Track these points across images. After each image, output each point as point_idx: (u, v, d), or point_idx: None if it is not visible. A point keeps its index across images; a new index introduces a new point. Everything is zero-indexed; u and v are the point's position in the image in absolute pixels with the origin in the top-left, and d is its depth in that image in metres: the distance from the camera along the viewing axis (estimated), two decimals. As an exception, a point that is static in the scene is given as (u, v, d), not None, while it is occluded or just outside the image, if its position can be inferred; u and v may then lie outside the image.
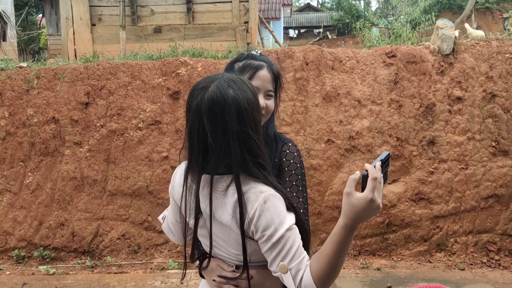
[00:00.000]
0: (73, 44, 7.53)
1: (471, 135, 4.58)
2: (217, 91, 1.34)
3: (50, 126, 4.72)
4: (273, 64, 1.79)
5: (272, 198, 1.34)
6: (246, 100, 1.35)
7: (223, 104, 1.32)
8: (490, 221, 4.58)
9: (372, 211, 1.27)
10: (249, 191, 1.35)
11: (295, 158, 1.75)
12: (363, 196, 1.25)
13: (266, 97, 1.72)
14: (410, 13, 13.23)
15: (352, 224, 1.27)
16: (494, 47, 4.69)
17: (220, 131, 1.32)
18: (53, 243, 4.64)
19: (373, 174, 1.26)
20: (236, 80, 1.39)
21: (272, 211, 1.32)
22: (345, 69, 4.77)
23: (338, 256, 1.28)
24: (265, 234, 1.32)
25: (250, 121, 1.35)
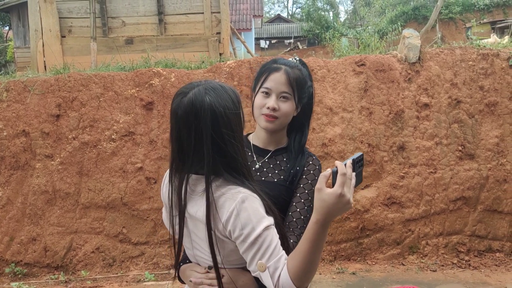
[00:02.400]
0: (42, 56, 7.41)
1: (439, 140, 4.74)
2: (193, 98, 1.39)
3: (20, 139, 4.63)
4: (295, 69, 1.79)
5: (250, 198, 1.37)
6: (222, 107, 1.40)
7: (198, 110, 1.37)
8: (459, 223, 4.73)
9: (342, 206, 1.29)
10: (227, 192, 1.39)
11: (315, 171, 1.81)
12: (332, 191, 1.27)
13: (281, 99, 1.75)
14: (378, 24, 13.60)
15: (324, 220, 1.29)
16: (458, 55, 4.89)
17: (194, 135, 1.39)
18: (25, 258, 4.52)
19: (342, 170, 1.29)
20: (216, 88, 1.43)
21: (250, 210, 1.35)
22: (316, 78, 4.87)
23: (313, 252, 1.30)
24: (243, 233, 1.34)
25: (227, 127, 1.40)
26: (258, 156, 1.86)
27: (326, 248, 4.66)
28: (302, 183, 1.77)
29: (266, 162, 1.84)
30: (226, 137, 1.40)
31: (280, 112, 1.74)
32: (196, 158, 1.41)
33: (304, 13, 30.62)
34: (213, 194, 1.39)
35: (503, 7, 24.00)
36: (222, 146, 1.40)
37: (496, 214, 4.74)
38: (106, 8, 7.64)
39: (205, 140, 1.38)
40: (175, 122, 1.43)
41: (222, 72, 4.84)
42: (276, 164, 1.83)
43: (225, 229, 1.38)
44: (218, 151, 1.40)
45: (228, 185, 1.41)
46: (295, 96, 1.77)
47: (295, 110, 1.80)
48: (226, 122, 1.40)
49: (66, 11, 7.63)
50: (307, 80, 1.83)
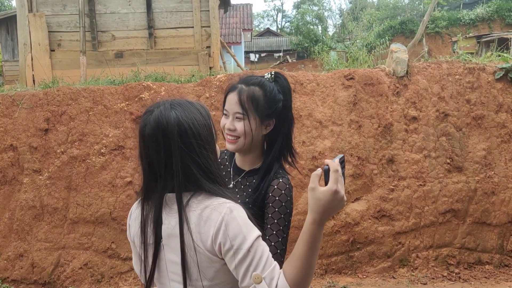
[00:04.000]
0: (31, 70, 7.37)
1: (427, 153, 4.78)
2: (159, 114, 1.37)
3: (8, 154, 4.58)
4: (252, 86, 1.74)
5: (237, 207, 1.34)
6: (190, 120, 1.38)
7: (165, 126, 1.35)
8: (448, 235, 4.75)
9: (338, 202, 1.27)
10: (211, 204, 1.34)
11: (282, 196, 1.69)
12: (327, 188, 1.26)
13: (236, 119, 1.73)
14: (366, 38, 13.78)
15: (321, 219, 1.28)
16: (445, 69, 4.96)
17: (163, 152, 1.35)
18: (11, 275, 4.44)
19: (334, 167, 1.27)
20: (182, 103, 1.42)
21: (239, 220, 1.31)
22: (306, 91, 4.90)
23: (310, 254, 1.28)
24: (234, 244, 1.29)
25: (196, 137, 1.37)
26: (235, 174, 1.86)
27: (317, 262, 4.64)
28: (270, 213, 1.68)
29: (239, 182, 1.83)
30: (197, 148, 1.37)
31: (237, 132, 1.72)
32: (169, 176, 1.36)
33: (293, 27, 30.96)
34: (185, 210, 1.34)
35: (488, 21, 24.51)
36: (195, 157, 1.36)
37: (485, 226, 4.78)
38: (96, 22, 7.65)
39: (173, 154, 1.34)
40: (143, 141, 1.39)
41: (212, 85, 4.86)
42: (246, 185, 1.80)
43: (214, 244, 1.31)
44: (191, 164, 1.36)
45: (211, 197, 1.36)
46: (249, 115, 1.71)
47: (259, 128, 1.75)
48: (195, 133, 1.37)
49: (55, 24, 7.62)
50: (275, 95, 1.75)
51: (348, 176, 4.69)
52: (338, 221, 4.64)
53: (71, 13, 7.59)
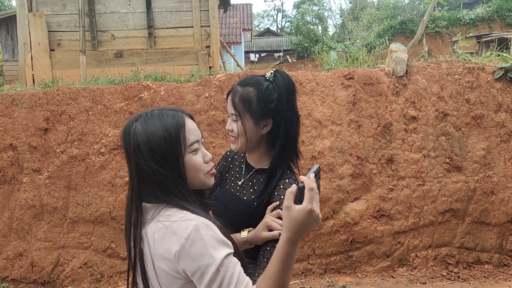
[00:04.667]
0: (31, 70, 7.37)
1: (427, 153, 4.79)
2: (126, 125, 1.39)
3: (7, 153, 4.58)
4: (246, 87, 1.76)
5: (204, 226, 1.27)
6: (144, 133, 1.34)
7: (126, 137, 1.37)
8: (447, 235, 4.76)
9: (312, 221, 1.25)
10: (176, 221, 1.28)
11: (281, 200, 1.70)
12: (302, 207, 1.23)
13: (232, 121, 1.78)
14: (365, 37, 13.79)
15: (295, 238, 1.26)
16: (444, 69, 4.96)
17: (128, 163, 1.37)
18: (11, 274, 4.44)
19: (309, 185, 1.24)
20: (150, 114, 1.40)
21: (206, 239, 1.24)
22: (305, 91, 4.90)
23: (284, 272, 1.26)
24: (201, 265, 1.23)
25: (149, 152, 1.33)
26: (246, 171, 1.89)
27: (316, 261, 4.65)
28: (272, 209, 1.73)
29: (247, 179, 1.87)
30: (153, 166, 1.32)
31: (234, 132, 1.77)
32: (139, 187, 1.37)
33: (293, 27, 30.96)
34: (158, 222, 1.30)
35: (488, 21, 24.52)
36: (150, 172, 1.33)
37: (484, 226, 4.78)
38: (96, 22, 7.65)
39: (131, 167, 1.35)
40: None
41: (211, 85, 4.86)
42: (253, 183, 1.84)
43: (177, 262, 1.25)
44: (149, 177, 1.34)
45: (180, 213, 1.31)
46: (242, 115, 1.73)
47: (255, 128, 1.75)
48: (146, 147, 1.33)
49: (55, 24, 7.63)
50: (268, 95, 1.73)
51: (347, 176, 4.69)
52: (338, 221, 4.64)
53: (71, 13, 7.60)
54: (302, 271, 4.63)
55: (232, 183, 1.92)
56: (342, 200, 4.68)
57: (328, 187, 4.66)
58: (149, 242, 1.30)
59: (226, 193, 1.90)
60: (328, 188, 4.65)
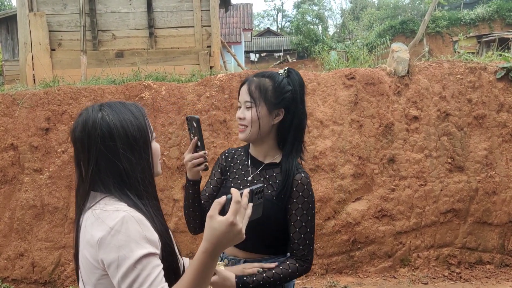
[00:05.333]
0: (31, 69, 7.36)
1: (428, 153, 4.78)
2: (86, 116, 1.34)
3: (8, 153, 4.57)
4: (262, 78, 1.84)
5: (132, 219, 1.23)
6: (117, 120, 1.33)
7: (90, 127, 1.31)
8: (449, 235, 4.75)
9: (233, 235, 1.19)
10: (108, 210, 1.26)
11: (304, 192, 1.80)
12: (224, 219, 1.17)
13: (246, 108, 1.82)
14: (366, 37, 13.79)
15: (213, 249, 1.19)
16: (446, 69, 4.95)
17: (87, 154, 1.31)
18: (12, 274, 4.44)
19: (236, 197, 1.19)
20: (112, 104, 1.38)
21: (131, 232, 1.21)
22: (307, 91, 4.88)
23: (198, 284, 1.20)
24: (117, 257, 1.18)
25: (122, 139, 1.31)
26: (253, 167, 1.92)
27: (318, 261, 4.64)
28: (294, 209, 1.79)
29: (257, 174, 1.89)
30: (120, 150, 1.30)
31: (246, 120, 1.80)
32: (93, 177, 1.33)
33: (294, 27, 30.96)
34: (94, 210, 1.28)
35: (488, 21, 24.52)
36: (114, 160, 1.30)
37: (486, 226, 4.77)
38: (97, 22, 7.64)
39: (91, 154, 1.30)
40: (73, 143, 1.36)
41: (212, 85, 4.85)
42: (266, 178, 1.86)
43: (97, 252, 1.22)
44: (107, 166, 1.30)
45: (118, 203, 1.29)
46: (257, 102, 1.79)
47: (267, 117, 1.81)
48: (121, 134, 1.31)
49: (56, 24, 7.62)
50: (284, 86, 1.82)
51: (349, 176, 4.68)
52: (339, 221, 4.63)
53: (71, 13, 7.59)
54: (303, 271, 4.62)
55: (238, 180, 1.93)
56: (343, 200, 4.67)
57: (330, 187, 4.65)
58: (81, 229, 1.29)
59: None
60: (330, 188, 4.65)
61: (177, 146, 4.65)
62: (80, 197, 1.36)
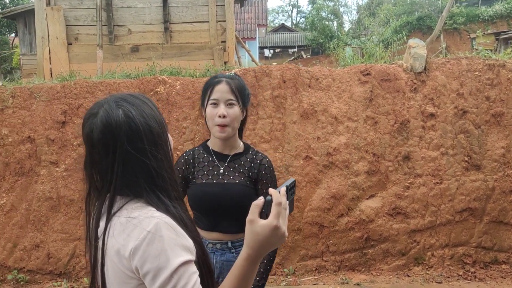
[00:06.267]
0: (49, 63, 7.45)
1: (445, 150, 4.72)
2: (106, 115, 1.22)
3: (25, 145, 4.64)
4: (234, 79, 2.08)
5: (166, 226, 1.16)
6: (140, 115, 1.24)
7: (114, 127, 1.21)
8: (465, 234, 4.69)
9: (277, 239, 1.13)
10: (140, 216, 1.18)
11: (271, 172, 2.15)
12: (267, 223, 1.11)
13: (228, 106, 2.02)
14: (382, 33, 13.60)
15: (256, 255, 1.14)
16: (464, 65, 4.88)
17: (112, 156, 1.22)
18: (27, 265, 4.51)
19: (277, 199, 1.13)
20: (126, 97, 1.28)
21: (166, 240, 1.14)
22: (321, 87, 4.86)
23: None
24: (153, 267, 1.12)
25: (148, 138, 1.23)
26: (219, 160, 2.14)
27: (330, 258, 4.63)
28: (264, 188, 2.12)
29: (226, 166, 2.13)
30: (147, 148, 1.22)
31: (230, 117, 2.01)
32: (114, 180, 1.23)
33: (308, 23, 30.75)
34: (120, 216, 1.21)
35: (507, 18, 24.08)
36: (144, 160, 1.22)
37: (502, 225, 4.70)
38: (113, 16, 7.69)
39: (118, 156, 1.20)
40: (91, 147, 1.24)
41: (227, 80, 4.85)
42: (235, 167, 2.12)
43: (131, 260, 1.15)
44: (136, 168, 1.22)
45: (146, 207, 1.21)
46: (239, 101, 2.04)
47: (242, 114, 2.09)
48: (146, 130, 1.23)
49: (73, 18, 7.69)
50: (246, 88, 2.12)
51: (363, 173, 4.65)
52: (352, 218, 4.61)
53: (88, 7, 7.65)
54: (316, 267, 4.62)
55: (209, 175, 2.13)
56: (357, 197, 4.64)
57: (343, 184, 4.62)
58: (105, 237, 1.21)
59: (212, 185, 2.10)
60: (343, 185, 4.62)
61: (191, 141, 4.67)
62: (99, 203, 1.27)
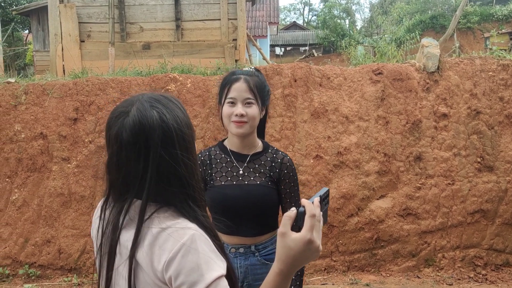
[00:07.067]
0: (61, 60, 7.51)
1: (457, 151, 4.66)
2: (139, 115, 1.16)
3: (38, 141, 4.68)
4: (253, 76, 1.99)
5: (201, 238, 1.12)
6: (174, 120, 1.18)
7: (148, 129, 1.14)
8: (476, 236, 4.64)
9: (311, 254, 1.06)
10: (172, 226, 1.13)
11: (292, 171, 2.06)
12: (300, 236, 1.04)
13: (245, 105, 1.95)
14: (395, 32, 13.50)
15: (288, 270, 1.07)
16: (478, 65, 4.82)
17: (144, 159, 1.15)
18: (39, 260, 4.55)
19: (311, 211, 1.05)
20: (160, 99, 1.22)
21: (201, 253, 1.09)
22: (332, 85, 4.84)
23: None
24: (188, 280, 1.08)
25: (181, 144, 1.18)
26: (238, 161, 2.05)
27: (339, 258, 4.60)
28: (287, 188, 2.05)
29: (246, 166, 2.04)
30: (179, 154, 1.17)
31: (248, 116, 1.93)
32: (142, 186, 1.17)
33: (320, 21, 30.63)
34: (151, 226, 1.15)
35: (521, 17, 23.73)
36: (176, 167, 1.16)
37: (515, 228, 4.64)
38: (125, 14, 7.73)
39: (152, 161, 1.14)
40: (119, 147, 1.17)
41: (238, 78, 4.84)
42: (255, 167, 2.03)
43: (165, 272, 1.10)
44: (169, 174, 1.16)
45: (178, 217, 1.16)
46: (258, 100, 1.97)
47: (260, 113, 2.01)
48: (180, 139, 1.17)
49: (85, 16, 7.74)
50: (266, 84, 2.04)
51: (373, 173, 4.62)
52: (362, 218, 4.58)
53: (100, 4, 7.70)
54: (325, 267, 4.60)
55: (228, 177, 2.04)
56: (367, 197, 4.61)
57: (354, 183, 4.59)
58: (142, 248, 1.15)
59: (232, 187, 2.02)
60: (354, 185, 4.59)
61: (201, 139, 4.67)
62: (117, 208, 1.20)
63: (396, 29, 13.21)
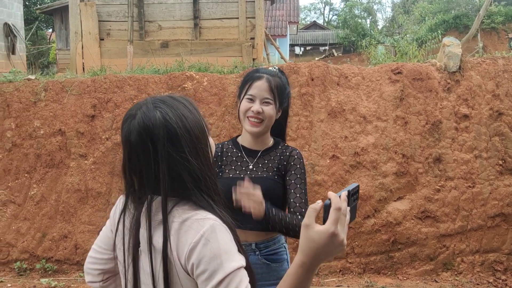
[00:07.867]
0: (81, 58, 7.61)
1: (478, 153, 4.55)
2: (143, 117, 1.21)
3: (56, 138, 4.74)
4: (276, 77, 2.03)
5: (221, 227, 1.16)
6: (179, 118, 1.21)
7: (152, 129, 1.19)
8: (497, 240, 4.51)
9: (334, 248, 1.05)
10: (192, 217, 1.17)
11: (300, 163, 2.07)
12: (324, 229, 1.03)
13: (263, 104, 1.99)
14: (416, 32, 13.29)
15: (311, 263, 1.06)
16: (501, 66, 4.69)
17: (153, 159, 1.20)
18: (55, 255, 4.61)
19: (336, 203, 1.04)
20: (165, 99, 1.26)
21: (221, 242, 1.13)
22: (350, 85, 4.77)
23: None
24: (208, 268, 1.12)
25: (187, 140, 1.21)
26: (249, 156, 2.11)
27: (355, 260, 4.54)
28: (292, 179, 2.03)
29: (256, 162, 2.09)
30: (187, 151, 1.20)
31: (264, 114, 1.97)
32: (158, 184, 1.22)
33: (341, 20, 30.41)
34: (172, 219, 1.18)
35: (547, 17, 23.12)
36: (185, 163, 1.20)
37: (537, 233, 4.50)
38: (144, 12, 7.78)
39: (161, 160, 1.19)
40: (130, 149, 1.23)
41: (255, 77, 4.82)
42: (264, 163, 2.08)
43: (187, 262, 1.15)
44: (181, 170, 1.20)
45: (197, 209, 1.19)
46: (276, 101, 2.00)
47: (276, 113, 2.04)
48: (184, 134, 1.21)
49: (105, 14, 7.82)
50: (287, 86, 2.08)
51: (391, 174, 4.54)
52: (379, 220, 4.50)
53: (120, 3, 7.77)
54: (340, 269, 4.54)
55: (237, 170, 2.10)
56: (384, 198, 4.53)
57: (371, 185, 4.52)
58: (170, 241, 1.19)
59: (239, 180, 2.00)
60: (371, 186, 4.52)
61: (217, 137, 4.66)
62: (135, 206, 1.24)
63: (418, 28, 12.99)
